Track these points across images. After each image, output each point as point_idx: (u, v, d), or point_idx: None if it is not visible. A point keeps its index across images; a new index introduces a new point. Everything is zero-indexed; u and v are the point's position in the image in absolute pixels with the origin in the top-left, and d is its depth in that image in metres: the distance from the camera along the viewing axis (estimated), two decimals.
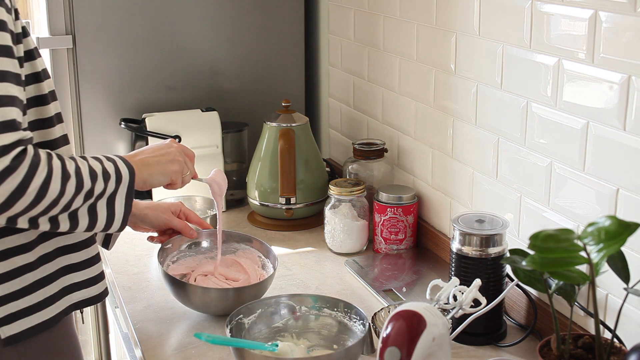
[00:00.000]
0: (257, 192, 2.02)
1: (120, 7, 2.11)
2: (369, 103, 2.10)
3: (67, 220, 1.20)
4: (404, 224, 1.81)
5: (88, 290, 1.36)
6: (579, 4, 1.29)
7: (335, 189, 1.83)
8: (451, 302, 1.39)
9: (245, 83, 2.30)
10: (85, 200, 1.20)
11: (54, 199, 1.14)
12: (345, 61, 2.22)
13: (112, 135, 2.17)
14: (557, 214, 1.41)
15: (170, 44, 2.18)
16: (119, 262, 1.82)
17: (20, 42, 1.21)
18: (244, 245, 1.67)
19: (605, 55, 1.25)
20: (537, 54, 1.41)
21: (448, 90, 1.71)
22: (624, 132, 1.23)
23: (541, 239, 0.99)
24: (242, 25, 2.25)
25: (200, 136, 2.06)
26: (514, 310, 1.53)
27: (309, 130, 2.04)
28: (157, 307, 1.60)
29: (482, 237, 1.42)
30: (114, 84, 2.15)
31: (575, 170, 1.35)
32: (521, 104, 1.47)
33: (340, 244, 1.85)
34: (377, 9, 1.99)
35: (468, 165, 1.68)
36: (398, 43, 1.91)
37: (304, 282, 1.71)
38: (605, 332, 1.29)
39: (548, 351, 1.18)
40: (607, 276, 1.21)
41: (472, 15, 1.58)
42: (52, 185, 1.13)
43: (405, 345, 1.11)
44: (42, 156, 1.13)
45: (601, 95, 1.27)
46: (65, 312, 1.32)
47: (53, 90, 1.31)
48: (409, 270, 1.75)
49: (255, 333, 1.41)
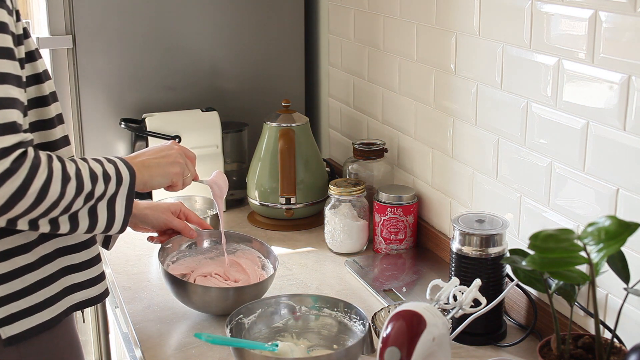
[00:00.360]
0: (257, 192, 2.02)
1: (120, 7, 2.11)
2: (369, 103, 2.10)
3: (67, 222, 1.20)
4: (404, 224, 1.81)
5: (89, 291, 1.36)
6: (579, 4, 1.29)
7: (335, 189, 1.83)
8: (451, 302, 1.39)
9: (245, 83, 2.30)
10: (85, 202, 1.20)
11: (54, 200, 1.14)
12: (345, 61, 2.22)
13: (112, 135, 2.17)
14: (557, 214, 1.41)
15: (170, 44, 2.18)
16: (119, 262, 1.82)
17: (21, 43, 1.21)
18: (243, 246, 1.67)
19: (605, 55, 1.25)
20: (537, 54, 1.41)
21: (448, 90, 1.71)
22: (624, 132, 1.23)
23: (541, 239, 0.99)
24: (242, 25, 2.25)
25: (200, 136, 2.06)
26: (514, 310, 1.53)
27: (309, 130, 2.04)
28: (157, 307, 1.60)
29: (482, 237, 1.42)
30: (114, 84, 2.15)
31: (575, 170, 1.35)
32: (521, 104, 1.47)
33: (340, 244, 1.85)
34: (377, 9, 1.99)
35: (468, 165, 1.68)
36: (398, 43, 1.91)
37: (304, 282, 1.71)
38: (605, 332, 1.29)
39: (548, 351, 1.18)
40: (607, 276, 1.21)
41: (472, 15, 1.58)
42: (53, 187, 1.13)
43: (405, 345, 1.12)
44: (43, 158, 1.13)
45: (601, 95, 1.27)
46: (66, 313, 1.32)
47: (54, 91, 1.31)
48: (409, 270, 1.75)
49: (255, 333, 1.41)
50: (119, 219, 1.26)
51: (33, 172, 1.11)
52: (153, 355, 1.42)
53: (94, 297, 1.37)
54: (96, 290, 1.37)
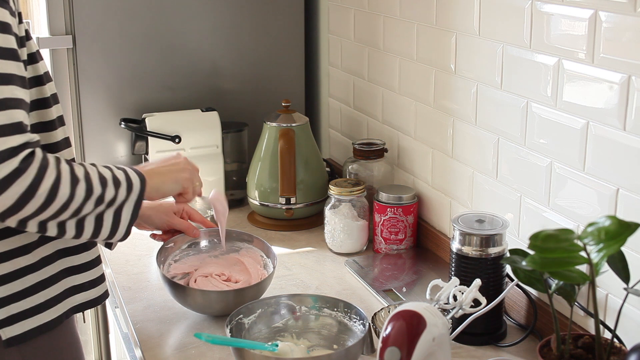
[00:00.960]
0: (257, 192, 2.02)
1: (120, 7, 2.11)
2: (369, 103, 2.10)
3: (73, 227, 1.20)
4: (404, 224, 1.81)
5: (89, 293, 1.36)
6: (579, 4, 1.29)
7: (335, 189, 1.83)
8: (451, 302, 1.39)
9: (245, 83, 2.30)
10: (95, 206, 1.19)
11: (64, 202, 1.14)
12: (345, 61, 2.22)
13: (112, 135, 2.17)
14: (557, 214, 1.41)
15: (170, 44, 2.18)
16: (119, 262, 1.82)
17: (23, 45, 1.21)
18: (247, 245, 1.67)
19: (605, 55, 1.25)
20: (537, 54, 1.41)
21: (448, 90, 1.71)
22: (624, 132, 1.23)
23: (541, 239, 0.99)
24: (242, 25, 2.26)
25: (200, 136, 2.06)
26: (514, 310, 1.53)
27: (309, 130, 2.04)
28: (157, 307, 1.60)
29: (482, 237, 1.42)
30: (114, 84, 2.15)
31: (575, 170, 1.35)
32: (521, 104, 1.47)
33: (340, 244, 1.85)
34: (377, 9, 1.99)
35: (468, 165, 1.68)
36: (398, 43, 1.91)
37: (304, 282, 1.71)
38: (605, 332, 1.29)
39: (548, 351, 1.18)
40: (607, 276, 1.21)
41: (472, 15, 1.58)
42: (62, 188, 1.13)
43: (405, 345, 1.12)
44: (51, 160, 1.13)
45: (601, 95, 1.27)
46: (66, 315, 1.32)
47: (55, 93, 1.31)
48: (409, 270, 1.75)
49: (255, 333, 1.41)
50: (123, 226, 1.25)
51: (42, 172, 1.11)
52: (153, 355, 1.42)
53: (94, 299, 1.37)
54: (96, 292, 1.37)
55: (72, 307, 1.33)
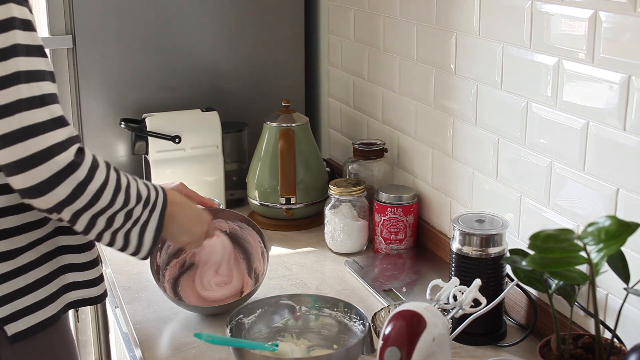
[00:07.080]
0: (257, 192, 2.02)
1: (120, 7, 2.11)
2: (369, 103, 2.10)
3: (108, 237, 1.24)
4: (404, 224, 1.81)
5: (86, 291, 1.36)
6: (579, 4, 1.29)
7: (335, 189, 1.83)
8: (451, 302, 1.39)
9: (245, 83, 2.30)
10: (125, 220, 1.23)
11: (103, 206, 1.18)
12: (345, 61, 2.22)
13: (112, 135, 2.17)
14: (557, 214, 1.41)
15: (170, 44, 2.18)
16: (119, 262, 1.82)
17: None
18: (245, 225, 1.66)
19: (605, 55, 1.25)
20: (537, 54, 1.41)
21: (448, 90, 1.71)
22: (624, 132, 1.23)
23: (541, 239, 0.99)
24: (242, 25, 2.25)
25: (200, 136, 2.06)
26: (514, 310, 1.53)
27: (309, 130, 2.04)
28: (157, 307, 1.60)
29: (482, 237, 1.42)
30: (114, 84, 2.15)
31: (575, 170, 1.35)
32: (521, 104, 1.47)
33: (340, 244, 1.85)
34: (377, 9, 1.99)
35: (468, 165, 1.68)
36: (398, 43, 1.91)
37: (304, 282, 1.71)
38: (605, 332, 1.29)
39: (548, 351, 1.18)
40: (607, 276, 1.21)
41: (472, 15, 1.58)
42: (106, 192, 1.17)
43: (405, 345, 1.12)
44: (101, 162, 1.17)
45: (601, 95, 1.27)
46: (63, 310, 1.33)
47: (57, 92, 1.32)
48: (409, 270, 1.75)
49: (255, 333, 1.41)
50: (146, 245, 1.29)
51: (93, 171, 1.14)
52: (153, 355, 1.42)
53: (91, 298, 1.37)
54: (94, 292, 1.38)
55: (68, 303, 1.34)
